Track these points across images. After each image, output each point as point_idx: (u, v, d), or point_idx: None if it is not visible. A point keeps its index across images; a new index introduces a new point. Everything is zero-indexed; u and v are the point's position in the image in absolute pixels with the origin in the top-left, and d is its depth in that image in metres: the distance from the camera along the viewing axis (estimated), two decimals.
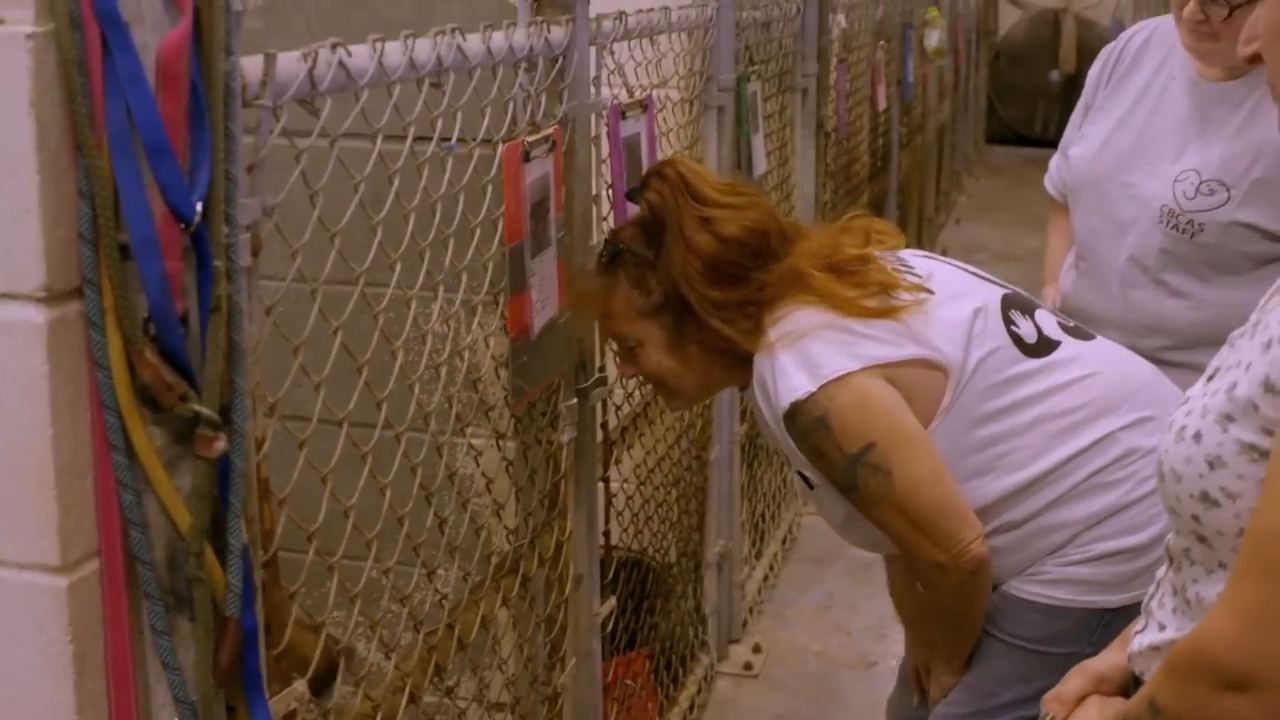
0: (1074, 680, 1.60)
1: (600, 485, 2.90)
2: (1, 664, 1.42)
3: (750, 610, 4.15)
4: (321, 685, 2.05)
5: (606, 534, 3.02)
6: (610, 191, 2.76)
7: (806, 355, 2.00)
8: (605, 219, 2.74)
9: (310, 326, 1.70)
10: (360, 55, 1.67)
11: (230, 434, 1.42)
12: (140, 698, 1.45)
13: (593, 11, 2.53)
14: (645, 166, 2.90)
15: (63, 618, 1.39)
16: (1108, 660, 1.60)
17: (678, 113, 3.46)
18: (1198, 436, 1.35)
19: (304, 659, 1.71)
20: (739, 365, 2.12)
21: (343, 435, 1.76)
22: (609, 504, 3.00)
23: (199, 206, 1.35)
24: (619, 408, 3.03)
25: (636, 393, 3.15)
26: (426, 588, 2.07)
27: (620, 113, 2.75)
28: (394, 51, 1.74)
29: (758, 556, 4.29)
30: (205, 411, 1.38)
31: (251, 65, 1.48)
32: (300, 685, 1.62)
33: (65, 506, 1.37)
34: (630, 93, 2.93)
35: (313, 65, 1.57)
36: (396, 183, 1.83)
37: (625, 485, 3.20)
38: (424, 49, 1.82)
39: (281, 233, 1.59)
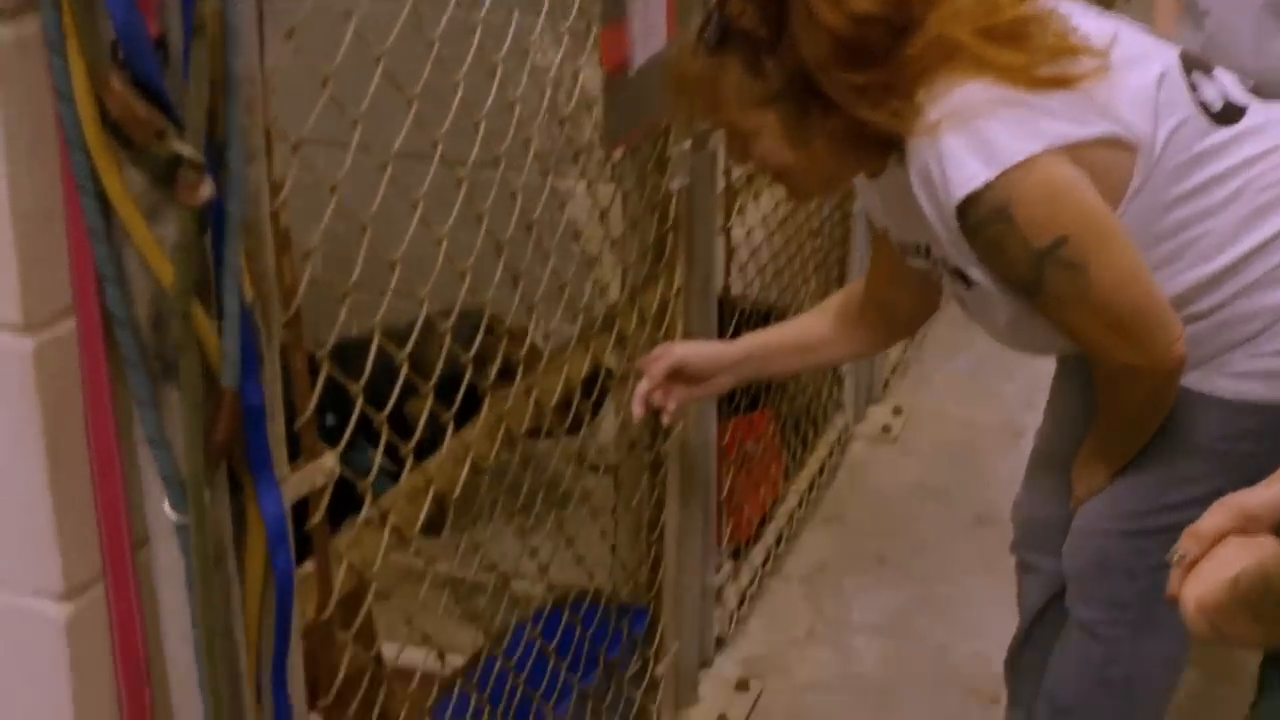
0: (1216, 515, 1.35)
1: (721, 238, 2.67)
2: None
3: (892, 370, 3.92)
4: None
5: (727, 288, 2.80)
6: None
7: (980, 137, 1.70)
8: None
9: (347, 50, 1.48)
10: None
11: (225, 177, 1.22)
12: (128, 475, 1.29)
13: None
14: None
15: (29, 383, 1.22)
16: (1259, 496, 1.34)
17: None
18: None
19: None
20: (873, 153, 1.82)
21: (386, 175, 1.55)
22: (730, 256, 2.77)
23: None
24: None
25: None
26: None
27: None
28: None
29: None
30: (186, 150, 1.17)
31: None
32: (329, 459, 1.45)
33: (28, 257, 1.19)
34: None
35: None
36: None
37: (752, 234, 2.96)
38: None
39: None
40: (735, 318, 2.83)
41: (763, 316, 3.18)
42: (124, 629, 1.33)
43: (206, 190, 1.19)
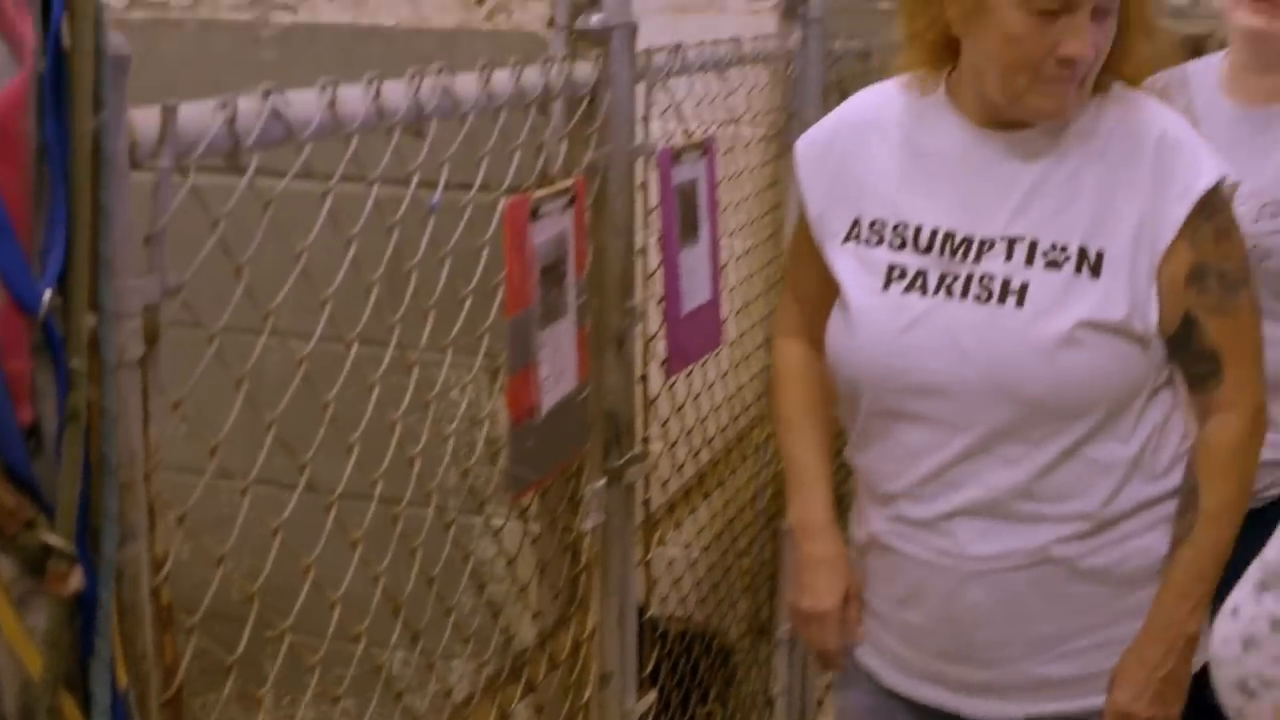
0: None
1: (641, 570, 2.63)
2: None
3: (828, 688, 3.84)
4: None
5: (649, 619, 2.74)
6: (660, 243, 2.48)
7: None
8: (651, 276, 2.47)
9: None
10: (303, 103, 1.42)
11: (98, 564, 1.18)
12: None
13: (644, 44, 2.25)
14: (703, 213, 2.62)
15: None
16: None
17: (752, 152, 3.18)
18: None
19: None
20: None
21: (331, 514, 1.51)
22: (652, 587, 2.72)
23: (47, 295, 1.11)
24: (665, 482, 2.74)
25: (689, 463, 2.86)
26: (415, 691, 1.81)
27: (673, 156, 2.47)
28: (352, 98, 1.49)
29: None
30: (55, 541, 1.13)
31: (147, 119, 1.24)
32: None
33: None
34: (689, 134, 2.65)
35: (232, 117, 1.32)
36: (355, 244, 1.58)
37: (674, 562, 2.92)
38: (396, 93, 1.57)
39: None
40: (655, 651, 2.76)
41: (687, 639, 3.13)
42: None
43: (76, 580, 1.15)
